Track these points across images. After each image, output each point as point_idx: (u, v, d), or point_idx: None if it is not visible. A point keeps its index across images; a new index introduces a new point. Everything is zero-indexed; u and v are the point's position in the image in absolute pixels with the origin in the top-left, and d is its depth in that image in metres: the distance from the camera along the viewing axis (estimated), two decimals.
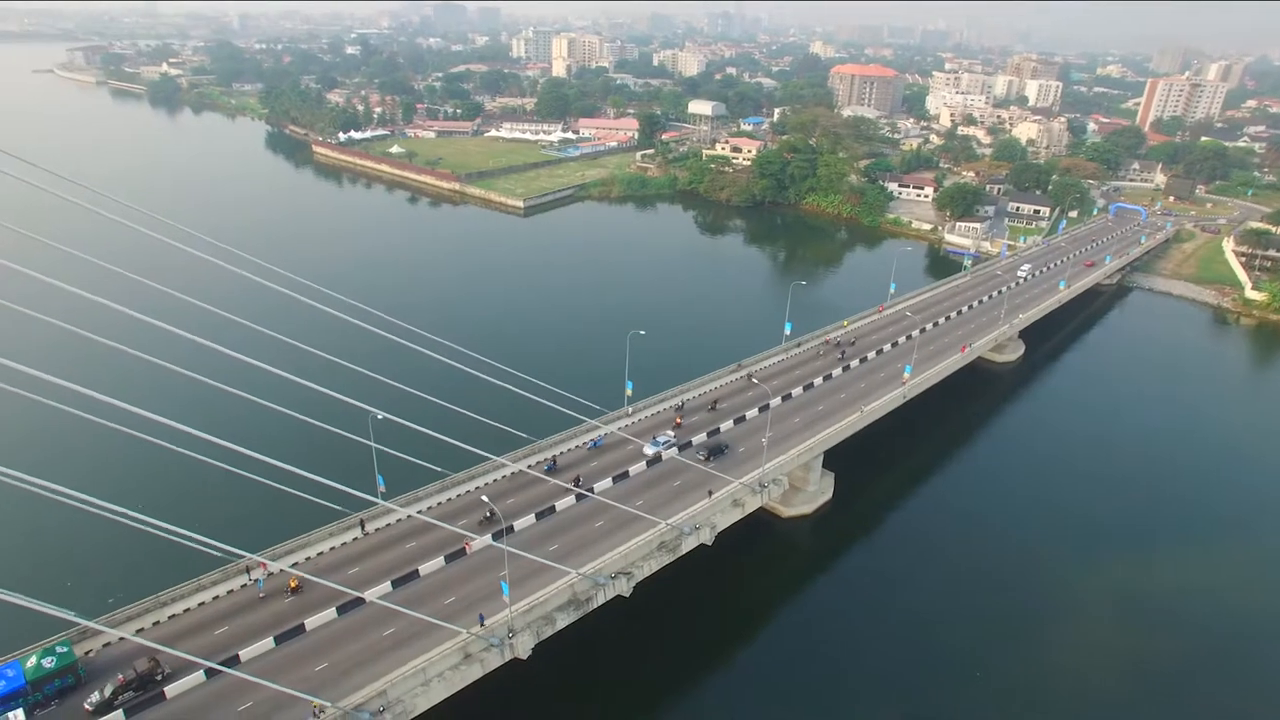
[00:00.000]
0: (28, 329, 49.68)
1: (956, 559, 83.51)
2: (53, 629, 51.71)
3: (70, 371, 36.07)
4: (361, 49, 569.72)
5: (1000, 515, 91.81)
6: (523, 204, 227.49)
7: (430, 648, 54.49)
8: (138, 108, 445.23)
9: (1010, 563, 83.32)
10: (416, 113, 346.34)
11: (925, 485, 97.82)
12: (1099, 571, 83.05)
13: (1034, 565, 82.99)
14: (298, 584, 58.82)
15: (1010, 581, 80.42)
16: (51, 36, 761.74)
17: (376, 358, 58.31)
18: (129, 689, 49.44)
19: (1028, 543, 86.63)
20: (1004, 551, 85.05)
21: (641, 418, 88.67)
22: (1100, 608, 77.99)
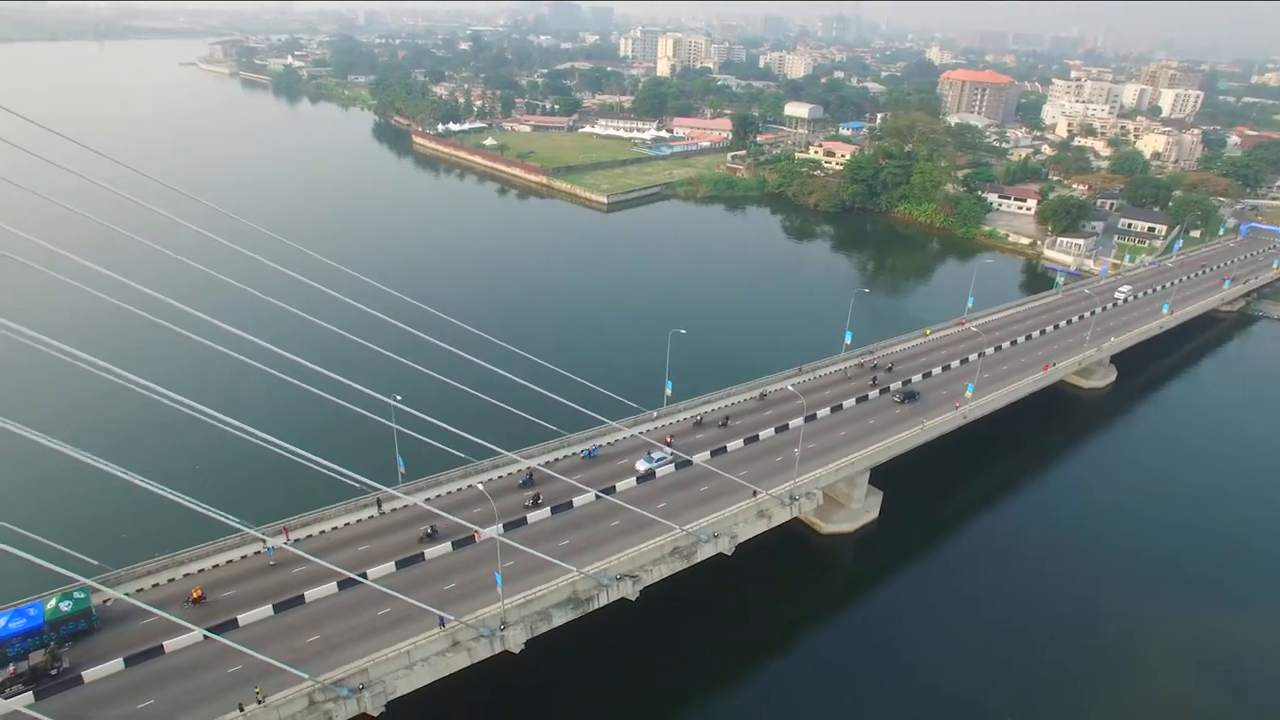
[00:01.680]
0: (102, 314, 52.59)
1: (1011, 598, 76.98)
2: (74, 576, 54.67)
3: (130, 355, 37.51)
4: (473, 45, 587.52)
5: (1067, 554, 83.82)
6: (606, 200, 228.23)
7: (420, 631, 54.34)
8: (261, 96, 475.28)
9: (1072, 609, 75.65)
10: (515, 107, 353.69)
11: (986, 514, 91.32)
12: (1176, 628, 74.60)
13: (1099, 615, 75.04)
14: (200, 594, 56.35)
15: (1069, 630, 73.00)
16: (201, 32, 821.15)
17: (421, 345, 60.41)
18: (18, 681, 48.67)
19: (1096, 589, 78.57)
20: (1066, 596, 77.42)
21: (664, 424, 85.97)
22: (1173, 669, 69.99)
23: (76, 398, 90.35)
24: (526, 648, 57.58)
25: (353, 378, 53.83)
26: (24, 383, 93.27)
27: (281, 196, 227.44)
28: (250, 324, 50.49)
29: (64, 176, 53.26)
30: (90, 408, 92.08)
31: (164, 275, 55.15)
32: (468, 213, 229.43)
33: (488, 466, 73.24)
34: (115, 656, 50.92)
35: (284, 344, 51.46)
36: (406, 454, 67.44)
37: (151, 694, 49.24)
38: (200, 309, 49.54)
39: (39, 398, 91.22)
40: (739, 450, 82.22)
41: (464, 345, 65.97)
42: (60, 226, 59.45)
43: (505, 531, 65.73)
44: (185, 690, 49.26)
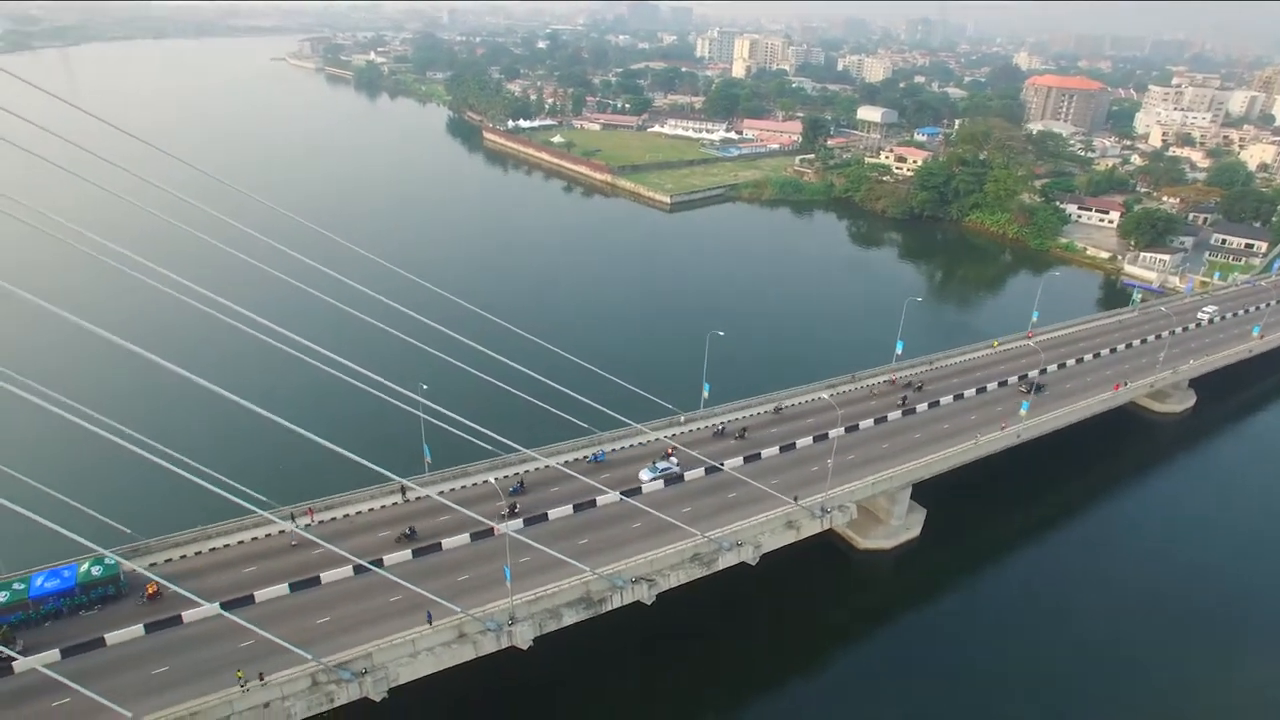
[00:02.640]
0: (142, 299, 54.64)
1: (1057, 633, 71.89)
2: (106, 544, 56.77)
3: (176, 343, 38.53)
4: (550, 43, 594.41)
5: (1125, 596, 77.23)
6: (669, 199, 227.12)
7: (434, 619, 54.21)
8: (343, 90, 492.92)
9: (1124, 654, 69.75)
10: (586, 105, 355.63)
11: (1038, 542, 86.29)
12: (1243, 682, 67.97)
13: (1158, 661, 69.69)
14: (156, 589, 55.65)
15: (1121, 676, 67.34)
16: (294, 30, 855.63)
17: (461, 341, 61.57)
18: None
19: (1156, 632, 72.81)
20: (1120, 638, 71.54)
21: (692, 428, 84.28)
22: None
23: (125, 381, 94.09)
24: (535, 645, 56.97)
25: (390, 369, 56.23)
26: (80, 368, 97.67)
27: (345, 189, 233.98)
28: (294, 316, 52.29)
29: (123, 173, 55.68)
30: (136, 392, 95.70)
31: (215, 269, 57.90)
32: (529, 209, 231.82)
33: (515, 460, 72.85)
34: (137, 623, 52.46)
35: (326, 335, 53.86)
36: (439, 445, 67.81)
37: (166, 660, 50.60)
38: (249, 302, 51.97)
39: (93, 382, 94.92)
40: (773, 458, 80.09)
41: (503, 341, 68.06)
42: (117, 219, 62.35)
43: (525, 527, 65.79)
44: (197, 660, 50.38)
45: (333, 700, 49.53)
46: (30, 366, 52.19)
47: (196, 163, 63.30)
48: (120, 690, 46.34)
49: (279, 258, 60.16)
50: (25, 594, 52.80)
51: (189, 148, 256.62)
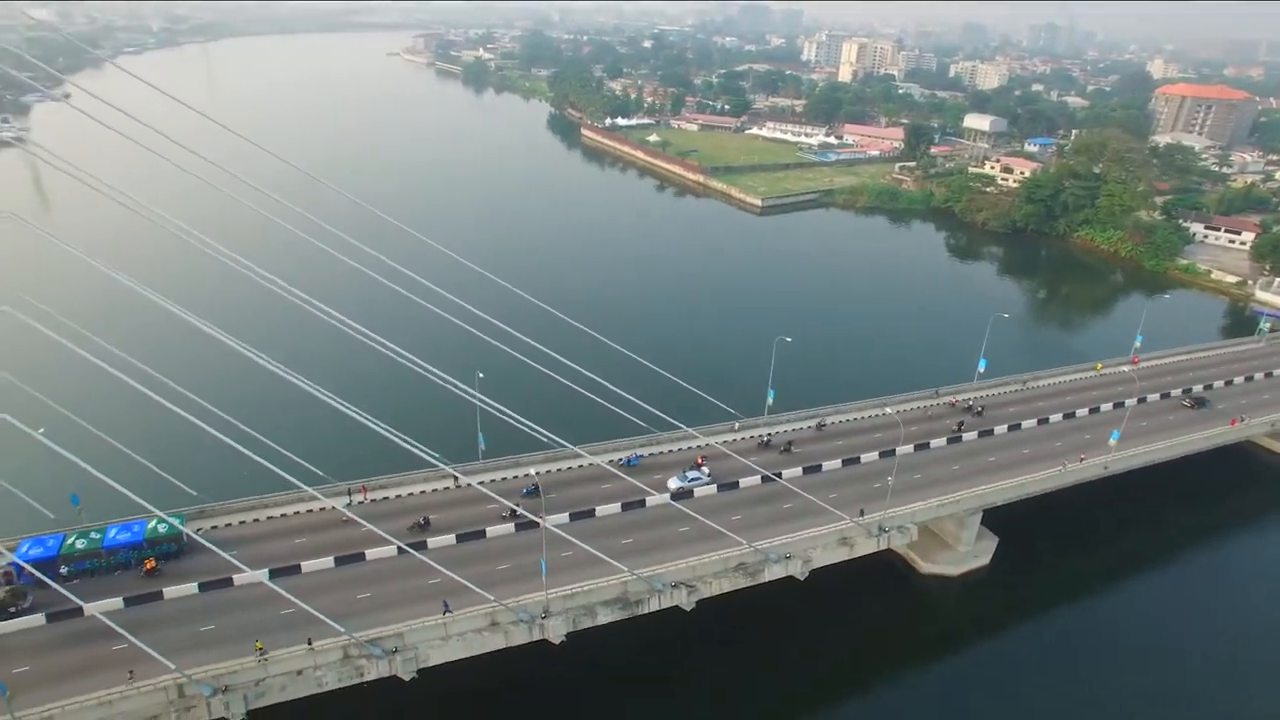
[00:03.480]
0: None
1: (1135, 683, 65.82)
2: (175, 505, 60.23)
3: (250, 326, 40.46)
4: (655, 43, 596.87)
5: (1222, 651, 70.03)
6: (760, 202, 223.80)
7: (466, 605, 54.47)
8: (451, 85, 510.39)
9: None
10: (685, 105, 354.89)
11: (1125, 584, 79.21)
12: None
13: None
14: (154, 566, 57.20)
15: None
16: (410, 26, 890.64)
17: (519, 334, 62.42)
18: None
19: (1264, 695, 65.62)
20: (1216, 695, 65.17)
21: (745, 435, 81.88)
22: None
23: (206, 361, 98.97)
24: (568, 641, 56.59)
25: (454, 359, 59.75)
26: (168, 347, 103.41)
27: (437, 181, 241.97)
28: (367, 305, 54.19)
29: (221, 166, 58.71)
30: (216, 371, 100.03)
31: (301, 260, 60.52)
32: (618, 206, 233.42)
33: (569, 454, 72.56)
34: (192, 580, 54.97)
35: (395, 324, 57.99)
36: (496, 436, 68.50)
37: (214, 619, 52.81)
38: (326, 291, 54.99)
39: (178, 360, 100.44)
40: (835, 471, 77.20)
41: (569, 338, 69.10)
42: (211, 209, 65.92)
43: (570, 523, 65.62)
44: (242, 621, 52.28)
45: (362, 674, 50.48)
46: (127, 344, 56.05)
47: (299, 153, 66.54)
48: (169, 642, 48.59)
49: (359, 251, 62.62)
50: (100, 544, 56.25)
51: (293, 138, 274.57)
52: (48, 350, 50.38)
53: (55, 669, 48.39)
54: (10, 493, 54.22)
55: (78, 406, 57.86)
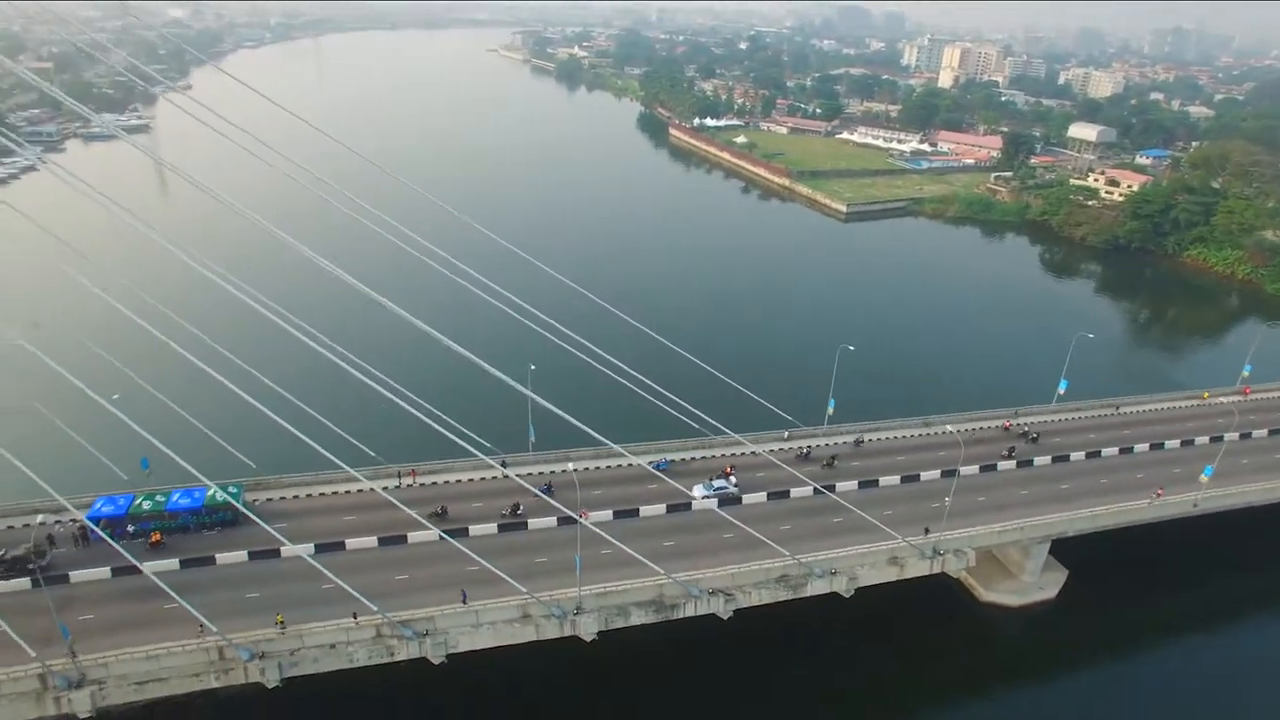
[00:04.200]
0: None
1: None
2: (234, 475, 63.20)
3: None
4: (750, 44, 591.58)
5: None
6: (845, 208, 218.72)
7: (498, 595, 54.80)
8: (545, 81, 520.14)
9: None
10: (776, 108, 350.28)
11: (1210, 641, 72.95)
12: None
13: None
14: (160, 539, 59.18)
15: None
16: (509, 24, 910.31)
17: (570, 332, 62.43)
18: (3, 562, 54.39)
19: None
20: None
21: (793, 445, 79.63)
22: None
23: (273, 344, 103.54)
24: (600, 640, 56.27)
25: (511, 351, 62.62)
26: (239, 330, 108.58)
27: (516, 175, 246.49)
28: (426, 295, 54.87)
29: (301, 156, 61.43)
30: (280, 352, 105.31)
31: (371, 254, 62.40)
32: (697, 206, 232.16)
33: (618, 451, 72.29)
34: (243, 549, 57.26)
35: (451, 314, 61.52)
36: (549, 430, 68.89)
37: (260, 587, 54.84)
38: (396, 284, 55.91)
39: (246, 341, 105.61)
40: (892, 488, 74.37)
41: (628, 337, 70.14)
42: (290, 203, 68.76)
43: (613, 520, 65.40)
44: (284, 592, 53.99)
45: (392, 654, 51.43)
46: (203, 324, 59.41)
47: (382, 143, 69.02)
48: (215, 605, 50.68)
49: (427, 244, 64.32)
50: (164, 506, 59.35)
51: (378, 128, 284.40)
52: (130, 327, 53.72)
53: (114, 620, 51.25)
54: (90, 454, 57.53)
55: (153, 378, 60.85)
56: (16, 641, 44.98)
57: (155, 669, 47.86)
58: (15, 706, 46.32)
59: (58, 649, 46.58)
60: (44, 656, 46.01)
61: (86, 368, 58.90)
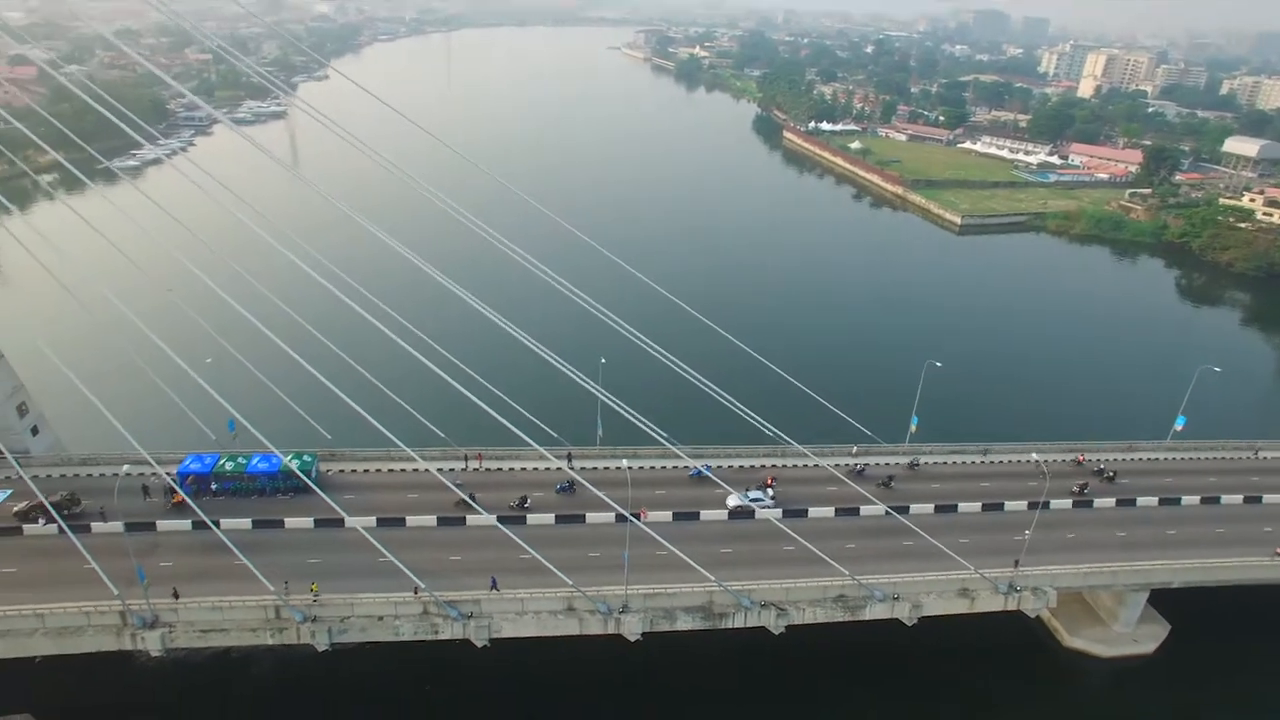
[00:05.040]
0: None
1: None
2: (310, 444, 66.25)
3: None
4: (876, 49, 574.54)
5: None
6: (960, 220, 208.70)
7: (548, 585, 54.85)
8: (664, 80, 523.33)
9: None
10: (897, 114, 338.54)
11: None
12: None
13: None
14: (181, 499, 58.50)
15: None
16: (635, 22, 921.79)
17: (641, 337, 62.36)
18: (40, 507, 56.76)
19: None
20: None
21: (871, 460, 76.04)
22: None
23: (357, 325, 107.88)
24: (645, 641, 55.54)
25: (587, 347, 64.03)
26: (326, 308, 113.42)
27: (620, 173, 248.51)
28: (510, 291, 56.33)
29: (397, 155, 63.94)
30: (365, 336, 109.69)
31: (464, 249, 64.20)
32: (802, 210, 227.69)
33: (683, 452, 71.41)
34: (310, 516, 59.70)
35: (530, 309, 64.32)
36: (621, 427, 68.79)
37: (321, 554, 57.11)
38: (482, 277, 57.81)
39: (335, 323, 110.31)
40: (972, 515, 69.92)
41: (709, 339, 70.54)
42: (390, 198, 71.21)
43: (673, 523, 64.56)
44: (342, 561, 56.00)
45: (437, 632, 52.42)
46: (293, 301, 62.27)
47: (488, 135, 70.78)
48: (278, 566, 53.09)
49: (517, 242, 65.46)
50: (244, 468, 62.81)
51: (488, 121, 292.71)
52: (232, 299, 57.55)
53: (189, 569, 54.58)
54: (184, 415, 61.31)
55: (245, 349, 64.04)
56: (104, 580, 48.61)
57: (218, 619, 50.66)
58: (99, 638, 50.17)
59: (141, 591, 50.05)
60: (126, 596, 49.53)
61: (188, 335, 63.43)
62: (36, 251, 58.63)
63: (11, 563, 55.50)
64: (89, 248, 63.98)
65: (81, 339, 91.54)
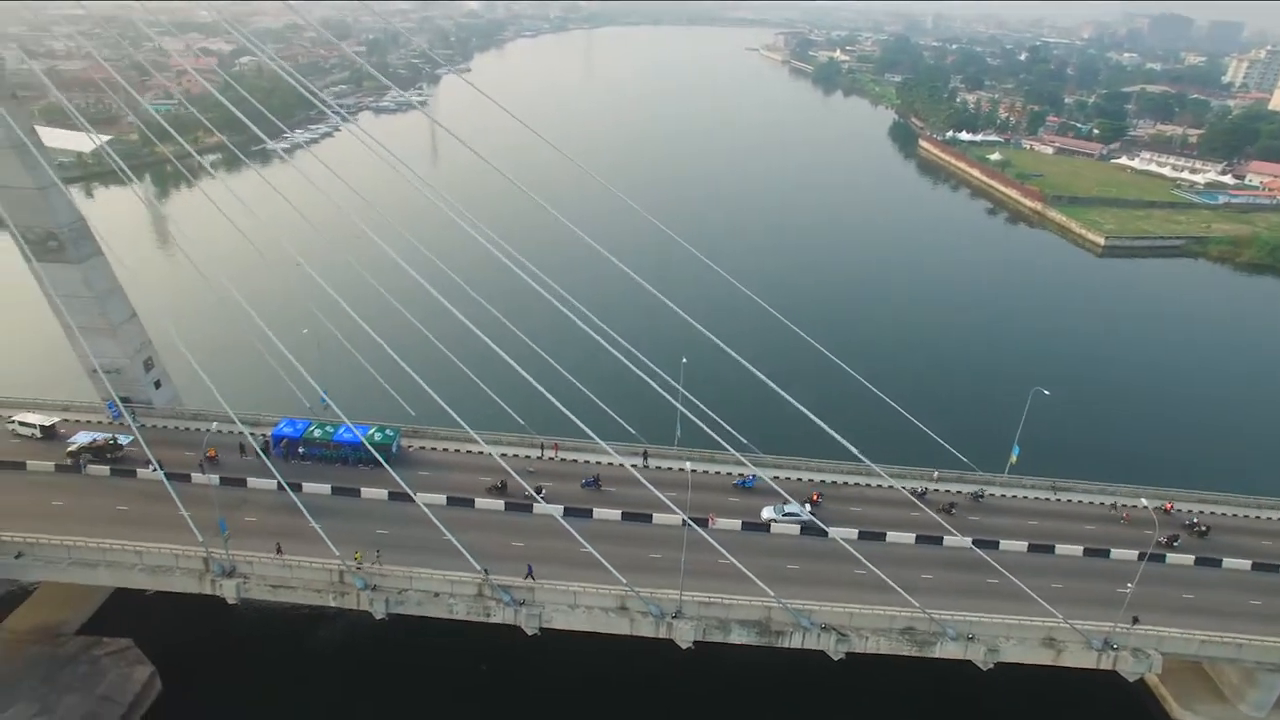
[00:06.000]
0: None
1: None
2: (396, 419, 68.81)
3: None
4: (1030, 56, 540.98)
5: None
6: (1103, 241, 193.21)
7: (601, 581, 54.52)
8: (800, 83, 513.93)
9: None
10: (1045, 125, 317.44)
11: None
12: None
13: None
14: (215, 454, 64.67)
15: None
16: (776, 24, 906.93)
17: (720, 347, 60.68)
18: (88, 452, 63.56)
19: None
20: None
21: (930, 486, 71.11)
22: None
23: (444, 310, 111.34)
24: (698, 651, 54.27)
25: (674, 348, 64.26)
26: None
27: (744, 175, 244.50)
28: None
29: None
30: (451, 320, 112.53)
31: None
32: (928, 222, 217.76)
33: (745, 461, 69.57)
34: (385, 488, 61.84)
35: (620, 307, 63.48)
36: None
37: (390, 526, 59.00)
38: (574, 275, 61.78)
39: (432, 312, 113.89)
40: (1071, 558, 64.10)
41: (803, 351, 68.35)
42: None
43: (742, 532, 62.99)
44: (409, 534, 57.03)
45: (489, 615, 53.08)
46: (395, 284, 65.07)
47: (620, 130, 71.52)
48: (349, 533, 55.55)
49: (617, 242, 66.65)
50: (331, 437, 65.95)
51: (611, 119, 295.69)
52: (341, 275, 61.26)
53: (269, 526, 57.72)
54: (281, 381, 64.82)
55: (346, 325, 67.08)
56: (191, 528, 52.28)
57: (287, 577, 53.39)
58: (185, 579, 54.09)
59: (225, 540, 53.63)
60: (210, 544, 53.08)
61: (302, 307, 67.30)
62: (187, 223, 63.83)
63: (127, 502, 60.59)
64: (236, 223, 68.43)
65: (209, 305, 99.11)
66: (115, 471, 63.26)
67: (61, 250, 61.85)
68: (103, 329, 65.44)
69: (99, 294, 64.58)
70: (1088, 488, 72.49)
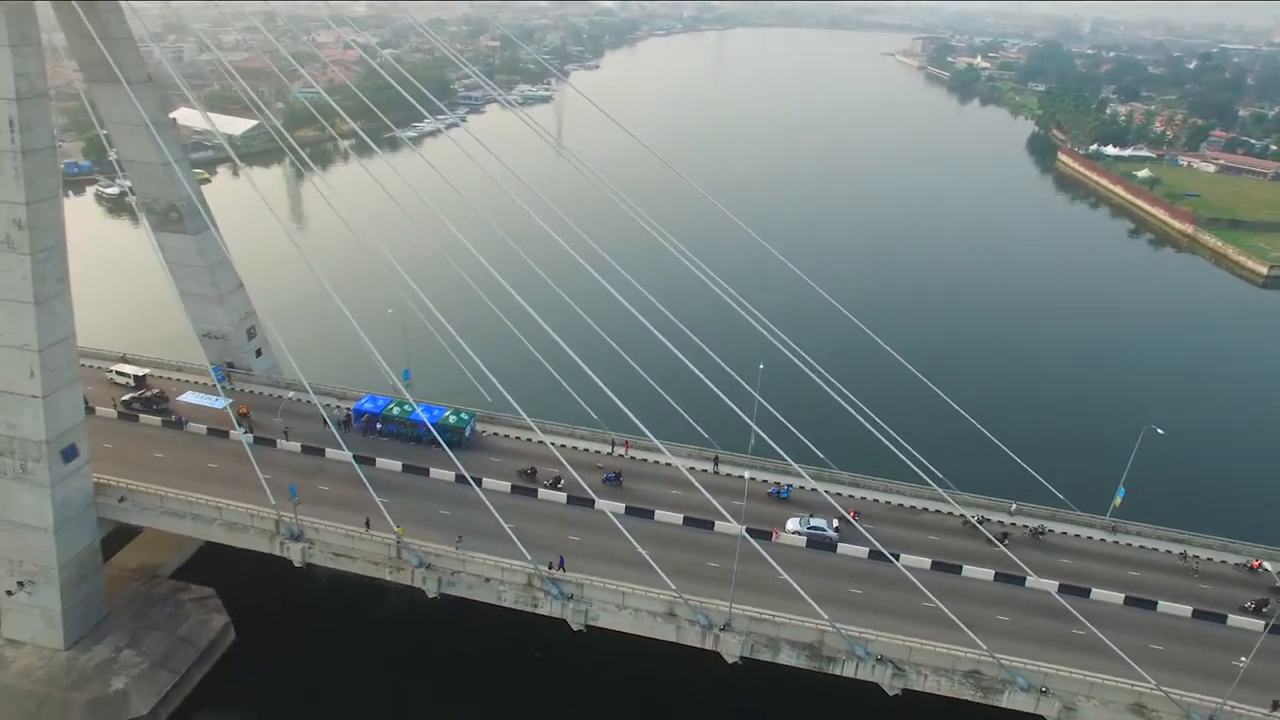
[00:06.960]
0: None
1: None
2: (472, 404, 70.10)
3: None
4: (1200, 64, 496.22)
5: None
6: (1266, 269, 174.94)
7: (652, 585, 53.51)
8: (935, 91, 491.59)
9: None
10: (1208, 140, 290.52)
11: None
12: None
13: None
14: (247, 410, 69.06)
15: None
16: (917, 29, 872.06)
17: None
18: (140, 400, 70.66)
19: None
20: None
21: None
22: None
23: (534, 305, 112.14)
24: (746, 668, 52.44)
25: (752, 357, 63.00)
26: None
27: (858, 189, 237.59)
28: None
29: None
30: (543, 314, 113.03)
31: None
32: (1058, 241, 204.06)
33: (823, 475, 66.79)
34: (454, 470, 62.81)
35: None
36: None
37: (453, 508, 60.18)
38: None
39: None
40: (1181, 620, 57.70)
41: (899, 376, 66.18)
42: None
43: (807, 549, 60.67)
44: (470, 519, 57.75)
45: (536, 606, 53.13)
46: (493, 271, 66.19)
47: (739, 135, 71.20)
48: (413, 511, 57.66)
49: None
50: (409, 415, 67.98)
51: (736, 121, 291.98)
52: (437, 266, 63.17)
53: (338, 497, 60.05)
54: (367, 358, 67.17)
55: (444, 306, 68.69)
56: (266, 491, 55.15)
57: (348, 546, 55.37)
58: (256, 539, 57.09)
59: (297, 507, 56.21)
60: (281, 508, 55.80)
61: (405, 288, 69.50)
62: (312, 204, 67.20)
63: (218, 460, 64.65)
64: (360, 203, 71.19)
65: (309, 283, 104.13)
66: (211, 431, 67.65)
67: (180, 221, 66.68)
68: (211, 297, 70.31)
69: (210, 264, 69.20)
70: (1154, 531, 65.95)
